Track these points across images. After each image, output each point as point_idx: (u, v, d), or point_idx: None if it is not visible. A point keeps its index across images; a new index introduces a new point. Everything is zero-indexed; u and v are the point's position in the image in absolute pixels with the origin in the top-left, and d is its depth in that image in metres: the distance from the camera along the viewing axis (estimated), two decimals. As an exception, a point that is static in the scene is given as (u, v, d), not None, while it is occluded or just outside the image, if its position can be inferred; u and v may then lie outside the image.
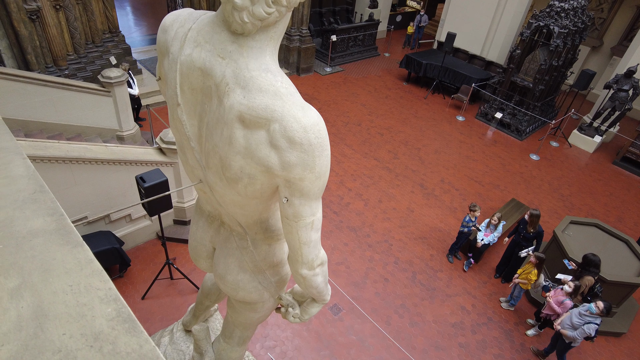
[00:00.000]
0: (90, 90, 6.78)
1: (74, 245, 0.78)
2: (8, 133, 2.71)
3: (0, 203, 0.91)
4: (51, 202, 0.91)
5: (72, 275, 0.71)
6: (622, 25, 11.99)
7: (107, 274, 0.75)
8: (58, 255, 0.75)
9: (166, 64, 1.56)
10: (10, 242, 0.76)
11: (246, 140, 1.39)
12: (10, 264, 0.72)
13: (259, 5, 1.26)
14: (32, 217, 0.84)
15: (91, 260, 0.75)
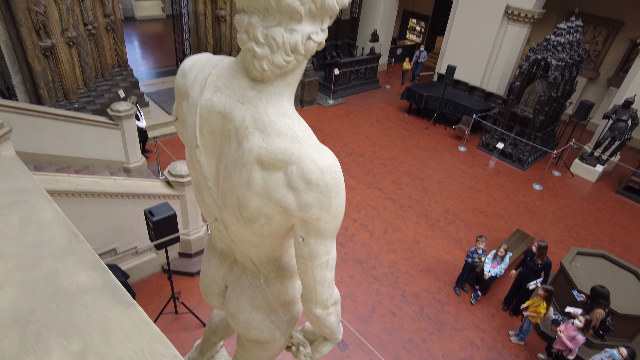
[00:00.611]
0: (100, 123, 6.91)
1: (127, 305, 0.79)
2: (27, 171, 2.77)
3: (39, 253, 0.93)
4: (90, 253, 0.93)
5: (133, 339, 0.72)
6: (616, 57, 12.30)
7: (166, 338, 0.76)
8: (112, 315, 0.77)
9: (185, 106, 1.62)
10: (61, 299, 0.78)
11: (264, 182, 1.43)
12: (67, 324, 0.73)
13: (279, 54, 1.32)
14: (75, 270, 0.87)
15: (147, 322, 0.76)
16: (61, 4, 7.32)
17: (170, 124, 9.78)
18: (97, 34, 8.56)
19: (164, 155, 8.49)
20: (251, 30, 1.30)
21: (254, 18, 1.28)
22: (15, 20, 6.65)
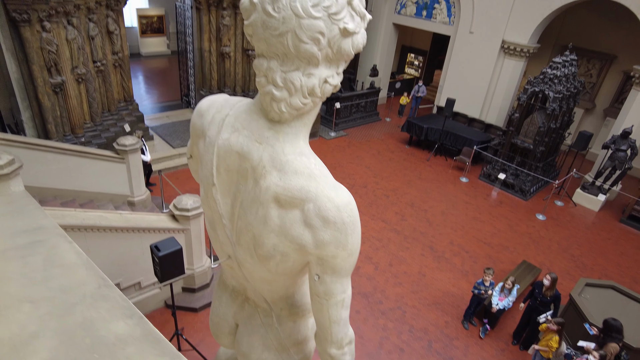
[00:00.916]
0: (105, 157, 6.98)
1: (172, 358, 0.79)
2: (39, 208, 2.78)
3: (70, 299, 0.93)
4: (122, 299, 0.93)
5: (185, 393, 0.72)
6: (611, 89, 12.59)
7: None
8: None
9: (202, 146, 1.66)
10: (103, 351, 0.77)
11: (281, 220, 1.44)
12: (117, 380, 0.72)
13: (296, 96, 1.36)
14: (111, 318, 0.86)
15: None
16: (73, 43, 7.56)
17: (174, 157, 9.88)
18: (105, 71, 8.79)
19: (168, 188, 8.52)
20: (270, 74, 1.35)
21: (273, 63, 1.33)
22: (28, 59, 6.85)
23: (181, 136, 10.70)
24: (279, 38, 1.23)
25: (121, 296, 0.96)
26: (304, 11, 1.16)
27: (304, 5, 1.15)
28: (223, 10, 10.65)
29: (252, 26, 1.27)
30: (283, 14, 1.17)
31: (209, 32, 11.01)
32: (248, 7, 1.26)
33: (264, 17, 1.20)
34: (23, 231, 2.04)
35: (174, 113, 12.14)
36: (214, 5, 10.67)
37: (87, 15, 8.04)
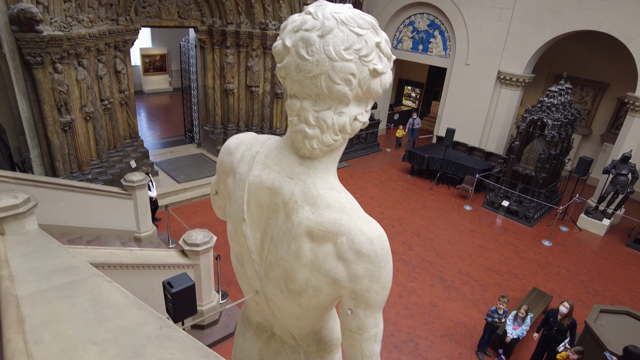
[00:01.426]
0: (113, 194, 7.02)
1: None
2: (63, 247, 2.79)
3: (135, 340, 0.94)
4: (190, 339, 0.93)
5: None
6: (606, 115, 12.87)
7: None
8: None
9: (231, 182, 1.70)
10: None
11: (313, 254, 1.46)
12: None
13: (328, 134, 1.41)
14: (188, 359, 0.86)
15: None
16: (82, 83, 7.75)
17: (179, 192, 9.91)
18: (112, 108, 8.97)
19: (173, 223, 8.50)
20: (303, 113, 1.41)
21: (306, 103, 1.39)
22: (40, 99, 7.00)
23: (186, 171, 10.78)
24: (312, 80, 1.29)
25: (188, 336, 0.96)
26: (336, 54, 1.22)
27: (337, 48, 1.22)
28: (227, 49, 10.99)
29: (285, 69, 1.33)
30: (317, 57, 1.23)
31: (213, 69, 11.31)
32: (281, 50, 1.32)
33: (297, 61, 1.27)
34: (55, 271, 2.04)
35: (178, 148, 12.28)
36: (218, 44, 11.03)
37: (96, 57, 8.29)
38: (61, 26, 7.07)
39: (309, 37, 1.23)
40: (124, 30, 8.99)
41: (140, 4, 9.40)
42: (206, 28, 10.82)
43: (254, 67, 11.18)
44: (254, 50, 11.03)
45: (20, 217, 3.02)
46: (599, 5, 9.79)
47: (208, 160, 11.67)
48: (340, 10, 1.26)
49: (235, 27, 10.79)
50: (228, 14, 10.65)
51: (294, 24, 1.29)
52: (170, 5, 9.97)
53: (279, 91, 11.41)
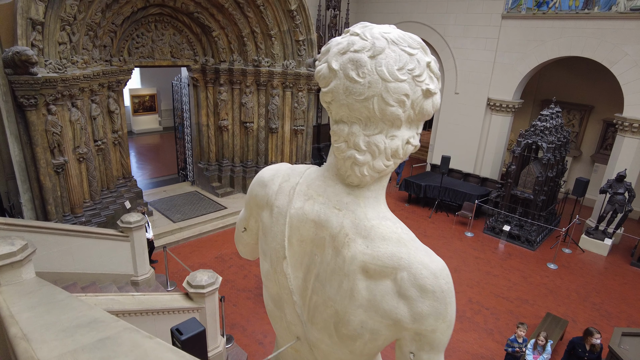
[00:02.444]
0: (110, 237, 6.72)
1: None
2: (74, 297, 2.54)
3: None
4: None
5: None
6: (594, 136, 13.18)
7: None
8: None
9: (267, 217, 1.54)
10: None
11: (369, 292, 1.30)
12: None
13: (380, 159, 1.31)
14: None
15: None
16: (76, 124, 7.60)
17: (175, 232, 9.61)
18: (105, 149, 8.79)
19: (170, 264, 8.16)
20: (352, 138, 1.31)
21: (355, 127, 1.30)
22: (32, 141, 6.81)
23: (181, 210, 10.52)
24: (363, 103, 1.21)
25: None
26: (390, 75, 1.16)
27: (390, 69, 1.16)
28: (220, 86, 11.05)
29: (332, 93, 1.25)
30: (369, 79, 1.17)
31: (207, 107, 11.31)
32: (327, 74, 1.25)
33: (347, 83, 1.20)
34: (77, 326, 1.81)
35: (172, 187, 12.04)
36: (211, 82, 11.08)
37: (90, 97, 8.19)
38: (56, 68, 6.99)
39: (359, 58, 1.17)
40: (118, 71, 8.97)
41: (133, 45, 9.44)
42: (199, 67, 10.90)
43: (248, 103, 11.21)
44: (247, 87, 11.10)
45: (17, 266, 2.82)
46: (579, 33, 10.22)
47: (203, 198, 11.43)
48: (389, 30, 1.21)
49: (228, 64, 10.90)
50: (221, 52, 10.77)
51: (340, 46, 1.22)
52: (163, 45, 10.05)
53: (274, 126, 11.41)
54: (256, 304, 7.51)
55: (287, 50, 10.91)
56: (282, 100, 11.36)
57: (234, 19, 10.23)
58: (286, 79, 11.06)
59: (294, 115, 11.48)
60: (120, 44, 9.10)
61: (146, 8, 9.21)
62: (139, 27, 9.42)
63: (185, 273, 8.14)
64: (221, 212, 10.65)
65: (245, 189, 11.87)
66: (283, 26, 10.54)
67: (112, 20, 8.48)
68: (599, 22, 9.88)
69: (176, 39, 10.28)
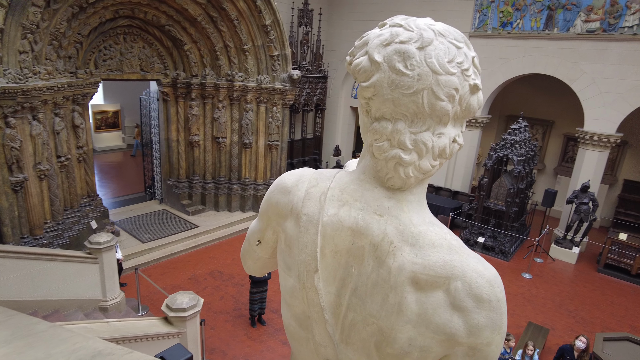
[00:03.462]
0: (76, 259, 6.20)
1: None
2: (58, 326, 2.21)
3: None
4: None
5: None
6: (556, 150, 13.85)
7: None
8: None
9: (292, 227, 1.38)
10: None
11: (420, 306, 1.17)
12: None
13: (427, 159, 1.20)
14: None
15: None
16: (37, 138, 7.08)
17: (145, 253, 9.06)
18: (69, 165, 8.24)
19: (141, 287, 7.63)
20: (397, 136, 1.19)
21: (400, 124, 1.19)
22: (-12, 157, 6.24)
23: (150, 229, 9.97)
24: (411, 97, 1.12)
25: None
26: (441, 67, 1.10)
27: (441, 61, 1.10)
28: (191, 100, 10.74)
29: (374, 87, 1.16)
30: (418, 71, 1.09)
31: (177, 122, 10.94)
32: (368, 67, 1.16)
33: (393, 76, 1.12)
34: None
35: (139, 206, 11.45)
36: (182, 96, 10.75)
37: (53, 110, 7.69)
38: (16, 78, 6.51)
39: (407, 49, 1.09)
40: (84, 84, 8.50)
41: (100, 57, 9.02)
42: (170, 81, 10.56)
43: (220, 118, 10.94)
44: (220, 101, 10.85)
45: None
46: (542, 52, 10.79)
47: (173, 217, 10.92)
48: (433, 22, 1.15)
49: (200, 79, 10.63)
50: (192, 66, 10.50)
51: (382, 37, 1.14)
52: (132, 58, 9.67)
53: (248, 141, 11.17)
54: (235, 327, 7.13)
55: (261, 65, 10.81)
56: (256, 115, 11.18)
57: (206, 32, 10.04)
58: (260, 94, 10.92)
59: (269, 130, 11.31)
60: (87, 55, 8.66)
61: (115, 19, 8.86)
62: (107, 38, 9.03)
63: (157, 296, 7.65)
64: (193, 231, 10.19)
65: (218, 206, 11.47)
66: (257, 41, 10.45)
67: (78, 31, 8.07)
68: (558, 42, 10.48)
69: (146, 52, 9.94)
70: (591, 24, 10.04)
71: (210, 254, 9.61)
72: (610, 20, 9.79)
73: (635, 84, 9.63)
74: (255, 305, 7.02)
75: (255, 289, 6.95)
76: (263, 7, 9.93)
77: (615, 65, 9.83)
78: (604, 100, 10.07)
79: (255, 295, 6.96)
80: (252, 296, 6.97)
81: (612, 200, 12.86)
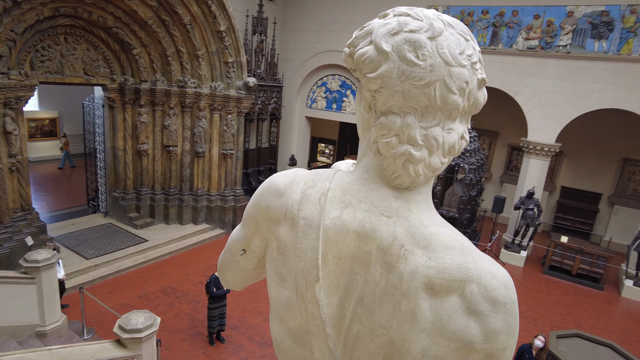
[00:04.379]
0: (8, 280, 5.52)
1: None
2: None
3: None
4: None
5: None
6: (501, 159, 14.66)
7: None
8: None
9: (286, 233, 1.24)
10: None
11: (434, 313, 1.08)
12: None
13: (436, 155, 1.14)
14: None
15: None
16: (-38, 145, 6.29)
17: (89, 270, 8.33)
18: None
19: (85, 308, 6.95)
20: (406, 131, 1.12)
21: (410, 118, 1.12)
22: None
23: (94, 245, 9.21)
24: (423, 89, 1.06)
25: None
26: (453, 58, 1.05)
27: (452, 52, 1.06)
28: (140, 107, 10.16)
29: (382, 78, 1.09)
30: (430, 62, 1.04)
31: (124, 129, 10.29)
32: (375, 57, 1.09)
33: (403, 67, 1.06)
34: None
35: (81, 220, 10.57)
36: (130, 103, 10.15)
37: (-19, 114, 6.90)
38: (-63, 77, 5.77)
39: (418, 38, 1.04)
40: (17, 86, 7.74)
41: (37, 58, 8.28)
42: (117, 86, 9.93)
43: (171, 126, 10.44)
44: (171, 108, 10.37)
45: None
46: (488, 65, 11.40)
47: (119, 231, 10.18)
48: (439, 13, 1.12)
49: (150, 84, 10.10)
50: (142, 71, 9.96)
51: (389, 26, 1.08)
52: (75, 60, 8.99)
53: (200, 150, 10.74)
54: (192, 346, 6.69)
55: (216, 72, 10.49)
56: (209, 123, 10.80)
57: (157, 36, 9.58)
58: (214, 101, 10.58)
59: (223, 138, 10.96)
60: (21, 55, 7.92)
61: (54, 18, 8.20)
62: (45, 38, 8.32)
63: (104, 316, 7.04)
64: (142, 246, 9.55)
65: (168, 219, 10.87)
66: (211, 47, 10.14)
67: (10, 27, 7.35)
68: (503, 57, 11.15)
69: (91, 55, 9.28)
70: (531, 41, 10.78)
71: (162, 270, 9.03)
72: (547, 39, 10.58)
73: (569, 98, 10.45)
74: (214, 322, 6.63)
75: (213, 305, 6.58)
76: (218, 13, 9.67)
77: (554, 80, 10.61)
78: (544, 112, 10.80)
79: (214, 312, 6.58)
80: (211, 312, 6.58)
81: (552, 206, 13.78)
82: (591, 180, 13.18)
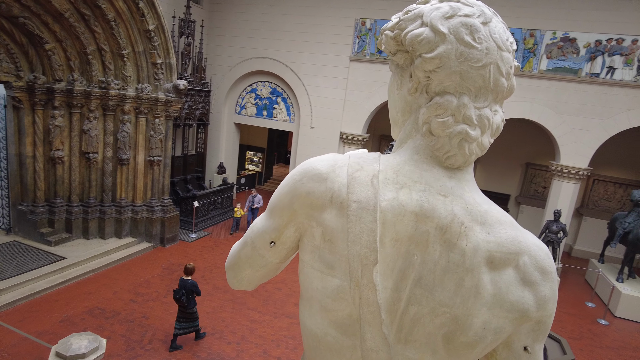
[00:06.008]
0: None
1: None
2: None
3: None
4: None
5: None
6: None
7: None
8: None
9: (333, 218, 1.24)
10: None
11: (494, 286, 1.19)
12: None
13: (486, 135, 1.26)
14: None
15: None
16: None
17: (7, 291, 7.17)
18: None
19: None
20: (463, 111, 1.21)
21: (465, 98, 1.21)
22: None
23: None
24: (479, 70, 1.14)
25: None
26: (503, 43, 1.16)
27: (502, 37, 1.16)
28: (54, 109, 9.09)
29: (440, 58, 1.14)
30: (485, 45, 1.13)
31: (34, 134, 9.12)
32: (433, 38, 1.14)
33: (461, 48, 1.13)
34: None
35: (-23, 238, 9.06)
36: (41, 104, 9.03)
37: None
38: None
39: (474, 22, 1.13)
40: None
41: None
42: (24, 84, 8.76)
43: (91, 130, 9.49)
44: (91, 111, 9.42)
45: None
46: (412, 78, 12.25)
47: (28, 249, 8.93)
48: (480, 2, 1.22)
49: (66, 84, 9.09)
50: (56, 69, 8.93)
51: (442, 10, 1.15)
52: (-28, 53, 7.77)
53: (124, 157, 9.91)
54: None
55: (142, 73, 9.81)
56: (135, 128, 10.04)
57: (76, 32, 8.69)
58: (141, 104, 9.86)
59: (150, 144, 10.25)
60: None
61: (-53, 2, 7.02)
62: None
63: (18, 348, 6.12)
64: (58, 264, 8.49)
65: (88, 233, 9.82)
66: (138, 46, 9.47)
67: None
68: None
69: (-9, 47, 8.09)
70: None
71: (85, 289, 8.10)
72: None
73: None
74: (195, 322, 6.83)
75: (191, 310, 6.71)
76: (146, 11, 9.08)
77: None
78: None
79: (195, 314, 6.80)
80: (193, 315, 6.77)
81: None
82: (501, 182, 14.77)
